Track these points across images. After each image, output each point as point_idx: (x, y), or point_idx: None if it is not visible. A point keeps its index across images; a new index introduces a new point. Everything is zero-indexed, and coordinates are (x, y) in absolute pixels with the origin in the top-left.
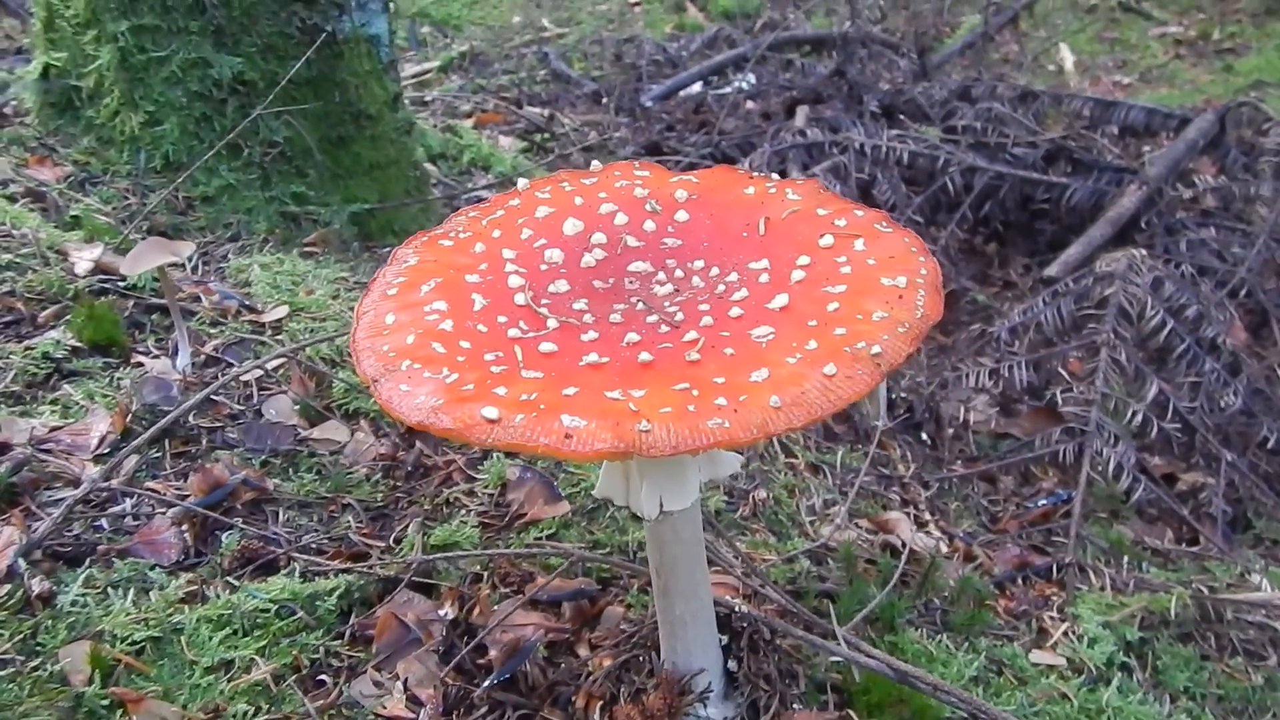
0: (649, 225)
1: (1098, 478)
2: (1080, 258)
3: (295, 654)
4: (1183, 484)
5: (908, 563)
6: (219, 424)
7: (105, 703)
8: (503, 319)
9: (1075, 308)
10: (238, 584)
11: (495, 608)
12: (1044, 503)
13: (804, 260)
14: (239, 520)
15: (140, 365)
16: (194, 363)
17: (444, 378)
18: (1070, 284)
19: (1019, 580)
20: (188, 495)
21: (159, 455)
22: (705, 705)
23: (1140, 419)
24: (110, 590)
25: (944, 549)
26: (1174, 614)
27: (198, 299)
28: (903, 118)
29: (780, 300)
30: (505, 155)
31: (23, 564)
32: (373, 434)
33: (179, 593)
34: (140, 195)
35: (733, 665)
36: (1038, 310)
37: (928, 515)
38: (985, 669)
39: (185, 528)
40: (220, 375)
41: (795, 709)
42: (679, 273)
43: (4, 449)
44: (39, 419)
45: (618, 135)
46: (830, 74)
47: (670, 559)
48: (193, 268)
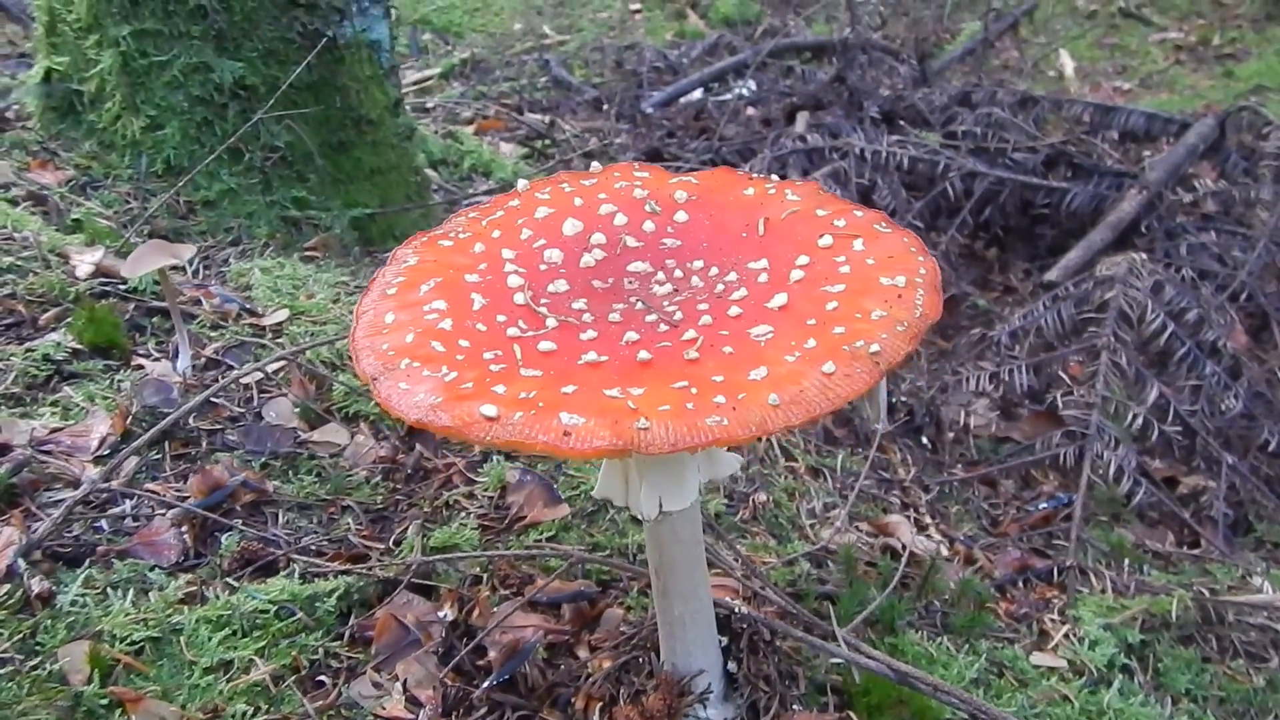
0: (648, 226)
1: (1098, 481)
2: (1080, 262)
3: (294, 655)
4: (1184, 487)
5: (908, 565)
6: (219, 426)
7: (104, 702)
8: (502, 318)
9: (1075, 311)
10: (237, 585)
11: (495, 609)
12: (1045, 506)
13: (803, 260)
14: (239, 522)
15: (140, 368)
16: (194, 365)
17: (443, 376)
18: (1070, 288)
19: (1020, 583)
20: (187, 497)
21: (159, 457)
22: (705, 706)
23: (1141, 422)
24: (110, 590)
25: (944, 552)
26: (1175, 616)
27: (198, 302)
28: (903, 123)
29: (779, 299)
30: (506, 161)
31: (22, 564)
32: (373, 437)
33: (178, 593)
34: (141, 199)
35: (732, 666)
36: (1038, 314)
37: (928, 518)
38: (986, 671)
39: (185, 529)
40: (220, 378)
41: (795, 710)
42: (678, 273)
43: (4, 450)
44: (39, 420)
45: (618, 141)
46: (830, 80)
47: (669, 559)
48: (193, 271)
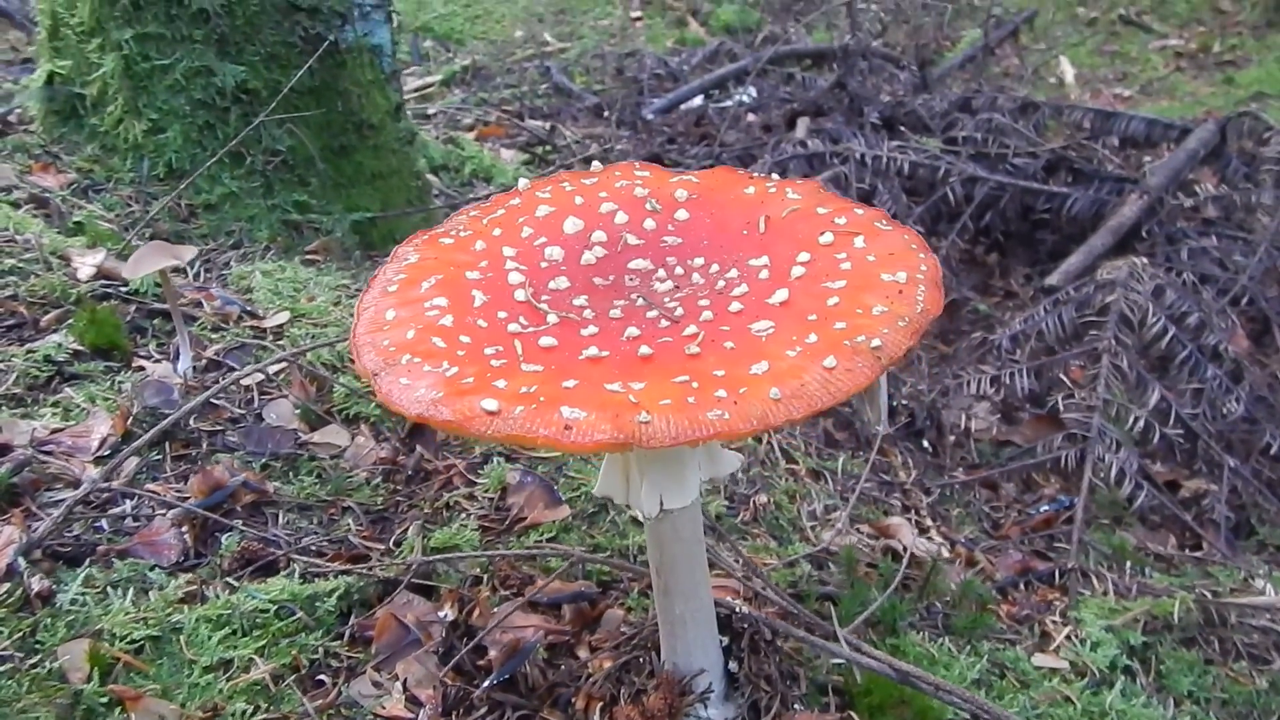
0: (649, 224)
1: (1100, 484)
2: (1081, 266)
3: (294, 654)
4: (1185, 490)
5: (909, 567)
6: (219, 427)
7: (104, 700)
8: (503, 314)
9: (1076, 315)
10: (237, 585)
11: (495, 610)
12: (1046, 509)
13: (804, 257)
14: (239, 522)
15: (141, 369)
16: (195, 367)
17: (444, 371)
18: (1071, 292)
19: (1021, 585)
20: (188, 497)
21: (159, 458)
22: (706, 706)
23: (1142, 426)
24: (110, 590)
25: (946, 554)
26: (1177, 618)
27: (199, 304)
28: (903, 129)
29: (780, 295)
30: (507, 167)
31: (23, 563)
32: (373, 438)
33: (178, 593)
34: (143, 202)
35: (733, 666)
36: (1039, 318)
37: (929, 521)
38: (987, 672)
39: (185, 529)
40: (221, 379)
41: (796, 710)
42: (679, 270)
43: (5, 450)
44: (40, 421)
45: (619, 148)
46: (831, 86)
47: (670, 558)
48: (195, 274)
